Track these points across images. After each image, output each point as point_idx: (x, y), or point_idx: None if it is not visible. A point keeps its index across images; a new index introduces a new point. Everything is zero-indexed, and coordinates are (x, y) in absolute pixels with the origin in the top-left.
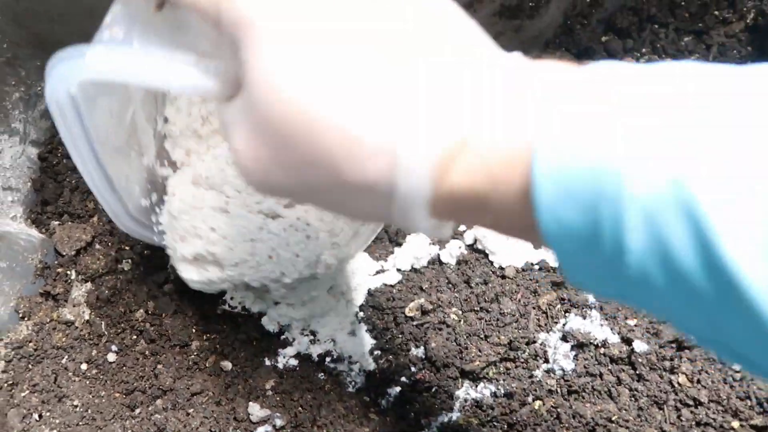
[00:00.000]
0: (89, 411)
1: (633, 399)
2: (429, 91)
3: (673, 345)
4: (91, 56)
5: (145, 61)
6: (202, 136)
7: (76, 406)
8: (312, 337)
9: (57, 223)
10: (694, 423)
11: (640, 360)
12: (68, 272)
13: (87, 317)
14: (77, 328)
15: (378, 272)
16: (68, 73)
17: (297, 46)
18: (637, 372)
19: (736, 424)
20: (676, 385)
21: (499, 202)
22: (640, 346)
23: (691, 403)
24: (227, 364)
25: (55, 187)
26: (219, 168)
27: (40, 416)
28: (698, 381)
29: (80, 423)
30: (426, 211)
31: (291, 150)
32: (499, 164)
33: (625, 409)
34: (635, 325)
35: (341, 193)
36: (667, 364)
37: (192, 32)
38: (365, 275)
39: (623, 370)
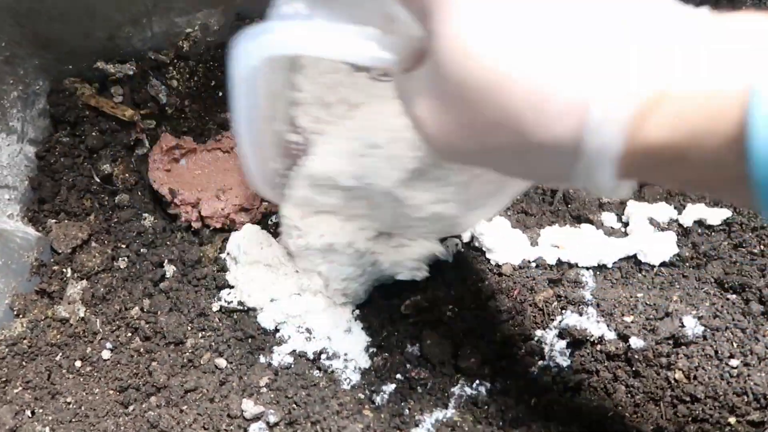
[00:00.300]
0: (82, 408)
1: (629, 395)
2: (626, 44)
3: (670, 341)
4: (281, 32)
5: (332, 36)
6: (329, 103)
7: (69, 403)
8: (308, 335)
9: (53, 221)
10: (690, 419)
11: (636, 356)
12: (64, 270)
13: (82, 315)
14: (72, 325)
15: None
16: (258, 48)
17: (492, 8)
18: (634, 368)
19: (732, 420)
20: (673, 381)
21: (702, 154)
22: (636, 342)
23: (687, 399)
24: (222, 362)
25: (52, 186)
26: (367, 120)
27: (33, 413)
28: (695, 377)
29: (73, 420)
30: (613, 169)
31: (477, 113)
32: (703, 114)
33: (622, 406)
34: (632, 322)
35: (524, 154)
36: (664, 360)
37: (366, 7)
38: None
39: (619, 367)
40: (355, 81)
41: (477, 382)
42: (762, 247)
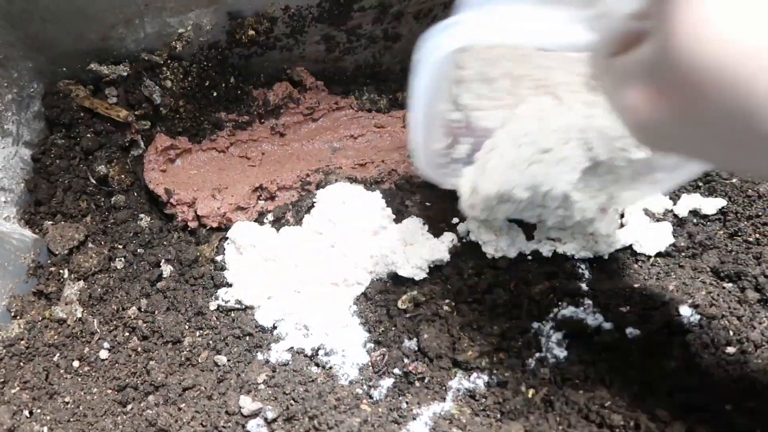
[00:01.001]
0: (80, 407)
1: (626, 385)
2: None
3: (665, 330)
4: (476, 24)
5: (533, 24)
6: (492, 78)
7: (68, 403)
8: (305, 331)
9: (50, 222)
10: (687, 407)
11: (633, 346)
12: (61, 271)
13: (79, 315)
14: (69, 326)
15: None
16: (455, 37)
17: None
18: (630, 358)
19: (729, 407)
20: (670, 370)
21: None
22: (632, 332)
23: (684, 388)
24: (220, 359)
25: (48, 188)
26: (534, 123)
27: (31, 413)
28: (691, 366)
29: (71, 419)
30: None
31: (707, 100)
32: None
33: (619, 396)
34: (628, 312)
35: (749, 146)
36: (660, 349)
37: None
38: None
39: (616, 357)
40: (519, 52)
41: (474, 375)
42: (757, 235)
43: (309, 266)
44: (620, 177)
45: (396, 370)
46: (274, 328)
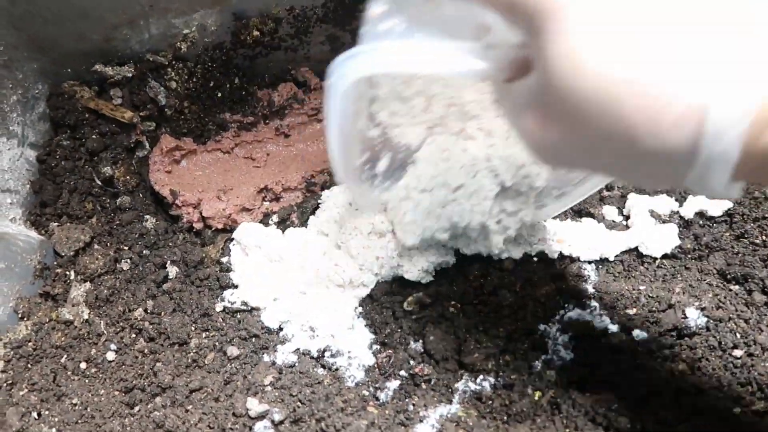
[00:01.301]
0: (88, 409)
1: (633, 388)
2: (746, 46)
3: (673, 333)
4: (382, 53)
5: (431, 54)
6: (405, 97)
7: (75, 405)
8: (311, 333)
9: (56, 224)
10: (694, 411)
11: (639, 349)
12: (67, 272)
13: (86, 317)
14: (76, 327)
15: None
16: (356, 69)
17: (605, 20)
18: (637, 361)
19: (737, 410)
20: (676, 373)
21: None
22: (639, 334)
23: (691, 390)
24: (226, 361)
25: (54, 189)
26: (441, 164)
27: (39, 414)
28: (698, 368)
29: (79, 421)
30: (729, 173)
31: (589, 124)
32: None
33: (626, 398)
34: (635, 314)
35: (635, 162)
36: (667, 352)
37: (460, 18)
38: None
39: (623, 360)
40: (431, 74)
41: (481, 377)
42: (764, 237)
43: (314, 268)
44: (528, 198)
45: (402, 372)
46: (280, 329)
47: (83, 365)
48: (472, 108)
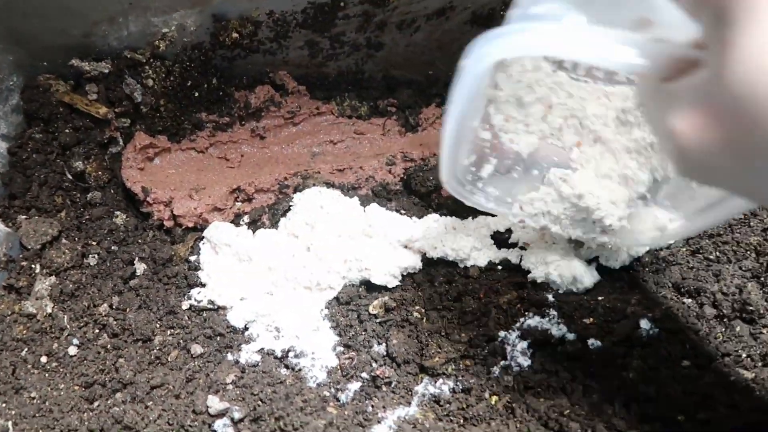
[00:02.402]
0: (46, 403)
1: (586, 394)
2: None
3: (626, 343)
4: (530, 34)
5: (590, 39)
6: (524, 103)
7: (33, 398)
8: (276, 333)
9: (24, 217)
10: (642, 417)
11: (594, 357)
12: (33, 266)
13: (49, 310)
14: (39, 321)
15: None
16: (506, 46)
17: None
18: (591, 369)
19: (681, 417)
20: (627, 381)
21: None
22: (594, 343)
23: (640, 398)
24: (189, 359)
25: (24, 182)
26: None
27: None
28: (648, 377)
29: (36, 415)
30: None
31: (759, 133)
32: None
33: (578, 404)
34: (591, 324)
35: None
36: (620, 361)
37: (623, 8)
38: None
39: (578, 367)
40: (557, 80)
41: (440, 380)
42: (717, 253)
43: (283, 269)
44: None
45: (364, 374)
46: (246, 329)
47: (44, 359)
48: (592, 122)
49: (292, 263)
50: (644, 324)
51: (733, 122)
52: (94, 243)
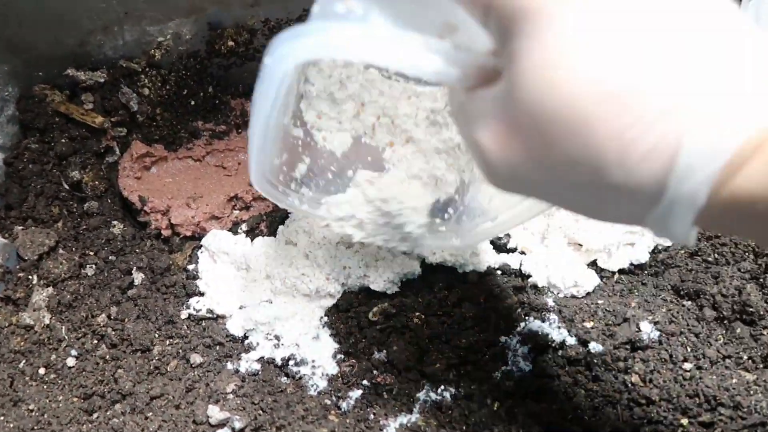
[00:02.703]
0: (45, 415)
1: (588, 399)
2: (725, 82)
3: (627, 346)
4: (334, 36)
5: (393, 45)
6: (336, 99)
7: (32, 411)
8: (276, 342)
9: (20, 227)
10: (645, 421)
11: (595, 361)
12: (30, 277)
13: (47, 322)
14: (36, 332)
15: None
16: (305, 50)
17: (589, 37)
18: (593, 373)
19: (684, 421)
20: (629, 385)
21: None
22: (595, 347)
23: (643, 401)
24: (189, 369)
25: (20, 192)
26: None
27: None
28: (650, 380)
29: (35, 427)
30: (692, 217)
31: (552, 147)
32: None
33: (581, 409)
34: (591, 327)
35: (595, 193)
36: (621, 364)
37: (426, 13)
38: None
39: (579, 372)
40: (366, 77)
41: (442, 387)
42: (716, 255)
43: (281, 277)
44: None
45: (365, 382)
46: (245, 337)
47: (42, 371)
48: (404, 122)
49: (290, 271)
50: (645, 327)
51: (529, 137)
52: (91, 253)
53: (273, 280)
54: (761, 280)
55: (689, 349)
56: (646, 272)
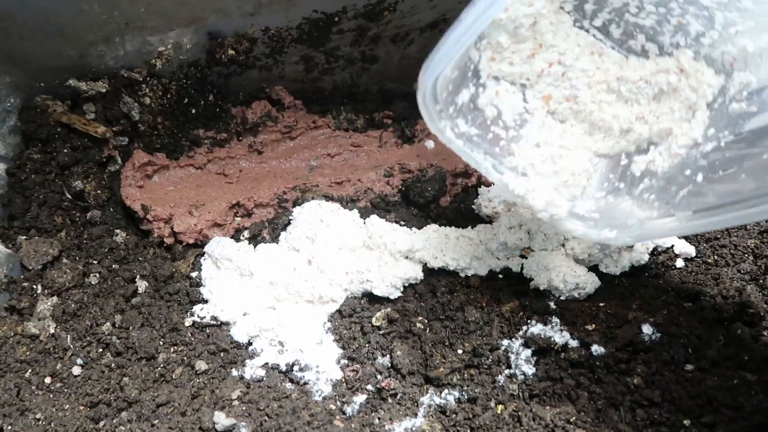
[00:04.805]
0: (52, 424)
1: (591, 401)
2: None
3: (629, 348)
4: None
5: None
6: (519, 34)
7: (39, 420)
8: (280, 348)
9: (24, 237)
10: (648, 422)
11: (597, 363)
12: (34, 286)
13: (52, 331)
14: (42, 341)
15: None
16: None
17: None
18: (595, 375)
19: (687, 422)
20: (632, 387)
21: None
22: (597, 349)
23: (645, 403)
24: (194, 376)
25: (23, 202)
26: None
27: (1, 429)
28: (652, 382)
29: None
30: None
31: None
32: None
33: (584, 411)
34: (593, 330)
35: None
36: (624, 366)
37: None
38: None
39: (582, 374)
40: (561, 19)
41: (446, 391)
42: (716, 257)
43: (285, 283)
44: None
45: (369, 387)
46: (250, 344)
47: (48, 380)
48: (576, 77)
49: (293, 277)
50: (646, 329)
51: None
52: (95, 262)
53: (276, 287)
54: (761, 281)
55: (691, 351)
56: (647, 275)
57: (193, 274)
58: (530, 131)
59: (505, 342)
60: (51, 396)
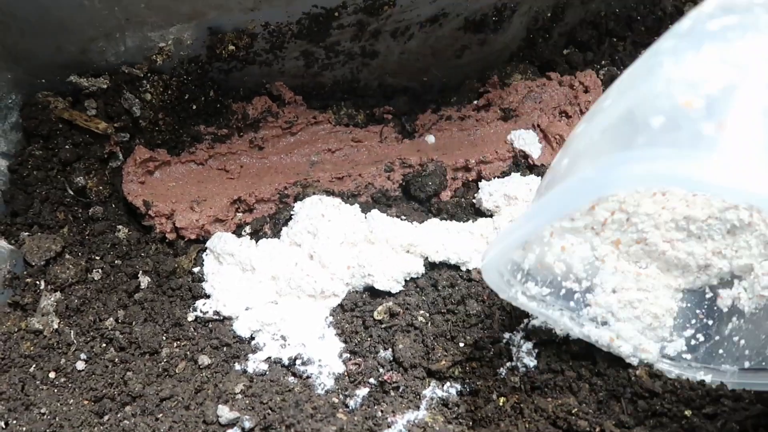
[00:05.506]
0: (57, 419)
1: (592, 393)
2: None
3: None
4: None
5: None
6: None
7: (44, 414)
8: (282, 342)
9: (27, 234)
10: (650, 413)
11: (599, 355)
12: (37, 282)
13: (56, 326)
14: (45, 337)
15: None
16: (639, 176)
17: None
18: (597, 367)
19: (688, 412)
20: (633, 378)
21: None
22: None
23: (647, 394)
24: (197, 370)
25: (25, 199)
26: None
27: (6, 424)
28: (654, 374)
29: (47, 430)
30: None
31: None
32: None
33: (585, 403)
34: None
35: None
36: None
37: None
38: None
39: (583, 366)
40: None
41: (448, 384)
42: None
43: (286, 278)
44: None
45: (371, 380)
46: (252, 338)
47: (52, 375)
48: (641, 221)
49: (295, 272)
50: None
51: None
52: (97, 258)
53: (278, 281)
54: None
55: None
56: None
57: (196, 270)
58: (604, 278)
59: (507, 335)
60: (55, 391)
